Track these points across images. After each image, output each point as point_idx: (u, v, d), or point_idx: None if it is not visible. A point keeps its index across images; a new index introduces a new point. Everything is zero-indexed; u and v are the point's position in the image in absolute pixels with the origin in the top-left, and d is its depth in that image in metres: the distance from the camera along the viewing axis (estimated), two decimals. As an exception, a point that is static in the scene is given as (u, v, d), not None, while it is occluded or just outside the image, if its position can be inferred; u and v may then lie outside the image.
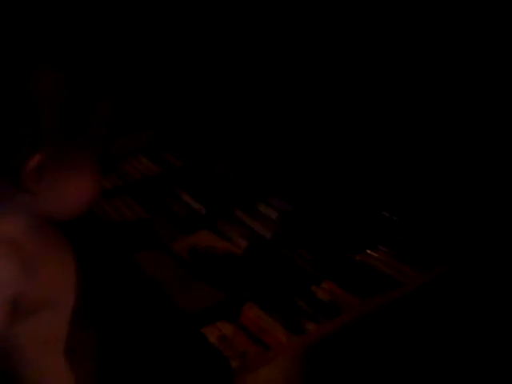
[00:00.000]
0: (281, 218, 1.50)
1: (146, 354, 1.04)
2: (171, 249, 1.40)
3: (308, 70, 1.61)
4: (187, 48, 1.87)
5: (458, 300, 1.27)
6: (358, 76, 1.49)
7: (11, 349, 0.77)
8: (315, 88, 1.61)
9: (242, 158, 1.72)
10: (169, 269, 1.33)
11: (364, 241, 1.39)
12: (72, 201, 0.77)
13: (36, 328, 0.78)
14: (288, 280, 1.25)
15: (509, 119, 1.21)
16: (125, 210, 1.54)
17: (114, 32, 1.70)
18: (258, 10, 1.68)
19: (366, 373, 1.18)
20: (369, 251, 1.36)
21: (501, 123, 1.22)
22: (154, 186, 1.67)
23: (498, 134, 1.23)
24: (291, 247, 1.38)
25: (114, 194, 1.62)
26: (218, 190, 1.63)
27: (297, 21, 1.60)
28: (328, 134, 1.60)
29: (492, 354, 1.24)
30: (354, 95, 1.52)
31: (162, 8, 1.84)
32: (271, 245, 1.41)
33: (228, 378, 0.91)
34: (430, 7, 1.30)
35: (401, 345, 1.22)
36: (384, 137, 1.47)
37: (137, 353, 1.04)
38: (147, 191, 1.64)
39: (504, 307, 1.23)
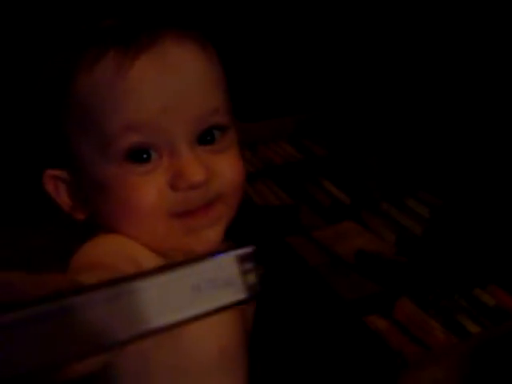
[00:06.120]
0: (432, 214, 1.41)
1: (303, 341, 0.99)
2: (314, 237, 1.35)
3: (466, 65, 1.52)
4: (343, 36, 1.81)
5: None
6: None
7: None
8: (467, 82, 1.51)
9: (390, 148, 1.63)
10: (315, 257, 1.28)
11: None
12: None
13: None
14: (449, 278, 1.16)
15: None
16: (268, 194, 1.51)
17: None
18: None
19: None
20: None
21: None
22: (296, 173, 1.62)
23: None
24: (447, 245, 1.28)
25: (257, 177, 1.58)
26: (364, 181, 1.56)
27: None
28: (485, 124, 1.48)
29: None
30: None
31: None
32: (424, 241, 1.32)
33: (393, 373, 0.83)
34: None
35: None
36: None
37: (294, 339, 0.99)
38: (289, 177, 1.60)
39: None
